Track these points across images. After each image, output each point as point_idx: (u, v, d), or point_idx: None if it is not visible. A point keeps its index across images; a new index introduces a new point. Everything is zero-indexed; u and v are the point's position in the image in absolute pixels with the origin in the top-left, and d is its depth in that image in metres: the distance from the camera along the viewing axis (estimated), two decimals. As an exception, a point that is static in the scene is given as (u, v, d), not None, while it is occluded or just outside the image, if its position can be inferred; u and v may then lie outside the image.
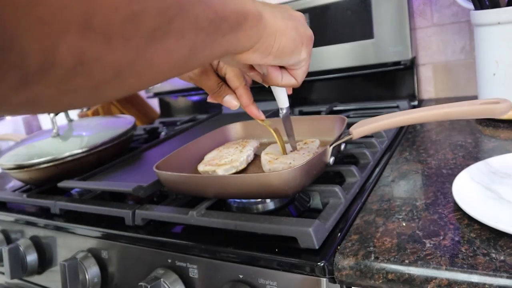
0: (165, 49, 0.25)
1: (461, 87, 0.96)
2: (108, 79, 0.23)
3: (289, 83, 0.46)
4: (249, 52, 0.38)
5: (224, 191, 0.53)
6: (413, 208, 0.48)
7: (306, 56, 0.44)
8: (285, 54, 0.41)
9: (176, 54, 0.27)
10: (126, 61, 0.23)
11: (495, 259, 0.36)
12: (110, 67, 0.22)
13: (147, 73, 0.25)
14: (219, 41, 0.31)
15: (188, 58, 0.28)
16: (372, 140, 0.67)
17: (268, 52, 0.39)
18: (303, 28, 0.43)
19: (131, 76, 0.24)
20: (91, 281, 0.60)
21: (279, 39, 0.39)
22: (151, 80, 0.27)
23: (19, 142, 0.95)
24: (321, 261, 0.42)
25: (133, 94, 1.36)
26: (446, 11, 0.94)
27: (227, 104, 0.53)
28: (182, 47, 0.27)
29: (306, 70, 0.47)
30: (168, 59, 0.26)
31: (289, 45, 0.40)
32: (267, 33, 0.38)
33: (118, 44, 0.22)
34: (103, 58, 0.21)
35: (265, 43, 0.38)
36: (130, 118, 0.99)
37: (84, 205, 0.67)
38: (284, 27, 0.40)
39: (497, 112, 0.46)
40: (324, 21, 0.99)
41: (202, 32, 0.28)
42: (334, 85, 1.05)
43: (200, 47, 0.29)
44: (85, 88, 0.22)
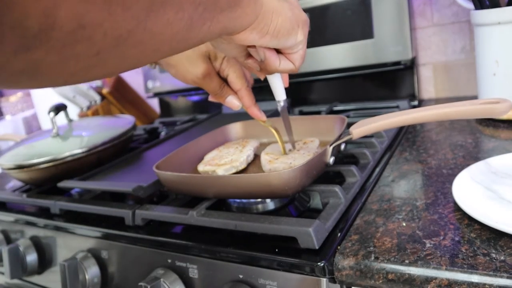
0: (165, 20, 0.26)
1: (461, 87, 0.96)
2: (109, 47, 0.23)
3: (287, 68, 0.46)
4: (246, 31, 0.38)
5: (224, 191, 0.53)
6: (413, 208, 0.48)
7: (302, 38, 0.44)
8: (282, 34, 0.41)
9: (175, 26, 0.27)
10: (127, 29, 0.23)
11: (495, 259, 0.36)
12: (111, 34, 0.22)
13: (147, 44, 0.26)
14: (217, 17, 0.32)
15: (187, 32, 0.29)
16: (372, 140, 0.67)
17: (265, 31, 0.39)
18: (299, 11, 0.43)
19: (132, 46, 0.25)
20: (91, 281, 0.60)
21: (275, 18, 0.40)
22: (152, 52, 0.27)
23: (19, 142, 0.95)
24: (321, 261, 0.42)
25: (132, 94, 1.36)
26: (446, 11, 0.94)
27: (229, 105, 0.53)
28: (181, 20, 0.27)
29: (303, 54, 0.47)
30: (167, 31, 0.27)
31: (286, 25, 0.41)
32: (264, 11, 0.38)
33: (118, 11, 0.22)
34: (104, 24, 0.22)
35: (262, 22, 0.38)
36: (130, 118, 0.99)
37: (84, 205, 0.67)
38: (280, 7, 0.40)
39: (497, 112, 0.46)
40: (324, 21, 0.99)
41: (200, 6, 0.29)
42: (334, 85, 1.05)
43: (199, 22, 0.29)
44: (87, 55, 0.22)
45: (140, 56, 0.27)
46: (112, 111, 1.29)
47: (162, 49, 0.28)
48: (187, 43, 0.31)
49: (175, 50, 0.30)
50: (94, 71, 0.25)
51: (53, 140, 0.88)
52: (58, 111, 0.92)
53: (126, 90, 1.34)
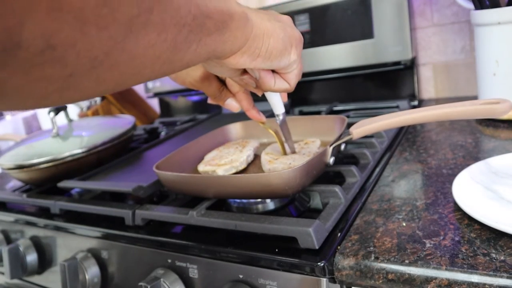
0: (146, 41, 0.24)
1: (461, 87, 0.96)
2: (83, 69, 0.22)
3: (282, 88, 0.45)
4: (237, 55, 0.37)
5: (224, 191, 0.53)
6: (413, 208, 0.48)
7: (296, 57, 0.43)
8: (274, 56, 0.40)
9: (158, 49, 0.26)
10: (103, 50, 0.22)
11: (495, 259, 0.36)
12: (85, 55, 0.21)
13: (126, 67, 0.25)
14: (204, 40, 0.31)
15: (171, 54, 0.28)
16: (372, 140, 0.67)
17: (257, 54, 0.39)
18: (291, 30, 0.42)
19: (110, 68, 0.23)
20: (91, 281, 0.60)
21: (267, 40, 0.39)
22: (132, 75, 0.26)
23: (19, 142, 0.95)
24: (321, 261, 0.42)
25: (132, 94, 1.36)
26: (446, 11, 0.94)
27: (228, 107, 0.53)
28: (164, 42, 0.26)
29: (298, 74, 0.46)
30: (149, 53, 0.25)
31: (278, 46, 0.40)
32: (255, 34, 0.37)
33: (92, 30, 0.21)
34: (77, 44, 0.20)
35: (253, 45, 0.38)
36: (130, 118, 0.99)
37: (84, 205, 0.67)
38: (272, 28, 0.39)
39: (497, 112, 0.46)
40: (324, 21, 0.99)
41: (185, 28, 0.28)
42: (334, 85, 1.05)
43: (184, 44, 0.28)
44: (59, 77, 0.21)
45: (119, 79, 0.25)
46: (112, 111, 1.29)
47: (143, 72, 0.27)
48: (172, 66, 0.29)
49: (159, 73, 0.29)
50: (68, 94, 0.23)
51: (53, 140, 0.88)
52: (58, 111, 0.92)
53: (126, 90, 1.34)
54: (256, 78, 0.45)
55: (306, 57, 1.03)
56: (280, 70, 0.44)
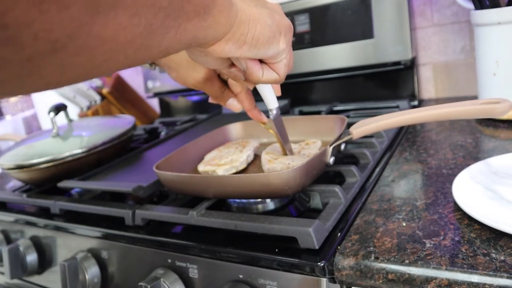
0: (116, 24, 0.23)
1: (461, 87, 0.96)
2: (43, 52, 0.20)
3: (271, 79, 0.43)
4: (221, 42, 0.35)
5: (224, 191, 0.53)
6: (413, 208, 0.48)
7: (285, 46, 0.41)
8: (262, 44, 0.38)
9: (131, 33, 0.24)
10: (66, 32, 0.20)
11: (495, 259, 0.36)
12: (44, 37, 0.19)
13: (95, 51, 0.23)
14: (184, 25, 0.29)
15: (147, 39, 0.26)
16: (372, 140, 0.67)
17: (242, 41, 0.37)
18: (280, 17, 0.40)
19: (75, 53, 0.21)
20: (91, 281, 0.60)
21: (253, 26, 0.37)
22: (103, 61, 0.24)
23: (19, 142, 0.95)
24: (321, 261, 0.42)
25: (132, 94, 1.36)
26: (446, 11, 0.94)
27: (229, 107, 0.53)
28: (137, 25, 0.24)
29: (288, 63, 0.43)
30: (121, 37, 0.23)
31: (265, 33, 0.38)
32: (240, 20, 0.35)
33: (52, 10, 0.19)
34: (33, 24, 0.18)
35: (238, 32, 0.36)
36: (130, 118, 0.99)
37: (84, 205, 0.67)
38: (258, 14, 0.37)
39: (497, 112, 0.46)
40: (324, 21, 0.99)
41: (161, 12, 0.26)
42: (334, 85, 1.05)
43: (161, 29, 0.27)
44: (16, 61, 0.19)
45: (88, 66, 0.23)
46: (112, 111, 1.29)
47: (116, 58, 0.25)
48: (149, 52, 0.27)
49: (134, 59, 0.27)
50: (29, 80, 0.21)
51: (53, 140, 0.88)
52: (58, 111, 0.92)
53: (126, 90, 1.34)
54: (244, 70, 0.43)
55: (306, 57, 1.03)
56: (268, 60, 0.42)
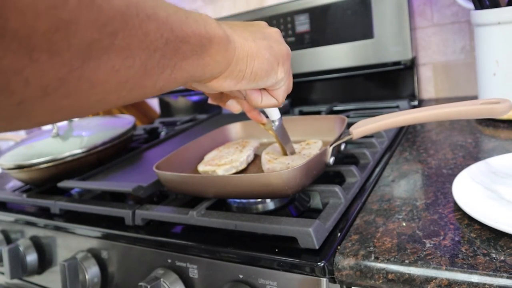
0: (109, 67, 0.22)
1: (461, 87, 0.96)
2: (34, 97, 0.20)
3: (270, 104, 0.44)
4: (219, 79, 0.36)
5: (224, 191, 0.53)
6: (413, 208, 0.48)
7: (283, 75, 0.41)
8: (260, 77, 0.39)
9: (124, 75, 0.24)
10: (57, 77, 0.20)
11: (495, 259, 0.36)
12: (34, 83, 0.19)
13: (87, 94, 0.22)
14: (179, 64, 0.29)
15: (141, 80, 0.25)
16: (372, 140, 0.67)
17: (241, 77, 0.37)
18: (278, 46, 0.41)
19: (66, 96, 0.21)
20: (91, 281, 0.60)
21: (251, 62, 0.37)
22: (95, 102, 0.24)
23: (19, 142, 0.95)
24: (321, 261, 0.42)
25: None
26: (446, 11, 0.94)
27: (229, 108, 0.53)
28: (131, 67, 0.24)
29: (286, 89, 0.44)
30: (113, 80, 0.23)
31: (263, 66, 0.38)
32: (237, 57, 0.36)
33: (43, 57, 0.19)
34: (24, 71, 0.18)
35: (236, 69, 0.36)
36: (130, 118, 0.99)
37: (84, 205, 0.67)
38: (256, 49, 0.38)
39: (497, 112, 0.46)
40: (324, 21, 0.99)
41: (157, 53, 0.26)
42: (334, 85, 1.05)
43: (156, 69, 0.26)
44: (5, 105, 0.19)
45: (79, 107, 0.23)
46: (112, 111, 1.29)
47: (109, 99, 0.24)
48: (143, 91, 0.27)
49: (128, 99, 0.26)
50: (19, 122, 0.21)
51: (53, 140, 0.88)
52: (58, 111, 0.92)
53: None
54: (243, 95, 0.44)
55: (306, 57, 1.03)
56: (267, 88, 0.43)
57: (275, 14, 1.04)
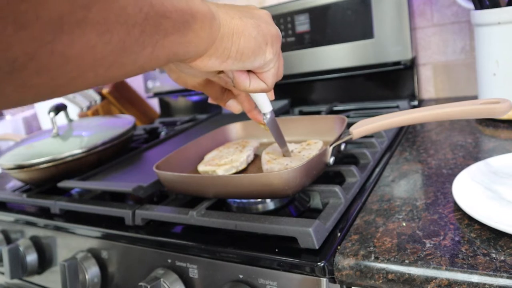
0: (83, 42, 0.21)
1: (461, 87, 0.96)
2: (2, 73, 0.19)
3: (259, 88, 0.42)
4: (204, 57, 0.34)
5: (224, 191, 0.53)
6: (413, 208, 0.48)
7: (272, 56, 0.40)
8: (247, 56, 0.37)
9: (100, 51, 0.23)
10: (25, 51, 0.19)
11: (495, 259, 0.36)
12: (0, 56, 0.18)
13: (59, 71, 0.21)
14: (161, 42, 0.27)
15: (119, 57, 0.24)
16: (372, 140, 0.67)
17: (226, 56, 0.36)
18: (267, 26, 0.39)
19: (37, 73, 0.20)
20: (91, 281, 0.60)
21: (237, 40, 0.36)
22: (70, 79, 0.23)
23: (19, 142, 0.95)
24: (321, 261, 0.42)
25: (132, 94, 1.36)
26: (446, 11, 0.94)
27: (230, 108, 0.53)
28: (108, 43, 0.23)
29: (276, 73, 0.43)
30: (89, 56, 0.22)
31: (250, 45, 0.37)
32: (222, 34, 0.34)
33: (8, 29, 0.18)
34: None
35: (221, 46, 0.35)
36: (130, 118, 0.99)
37: (84, 205, 0.67)
38: (243, 26, 0.36)
39: (497, 112, 0.46)
40: (324, 21, 0.99)
41: (136, 28, 0.24)
42: (334, 85, 1.05)
43: (136, 47, 0.25)
44: None
45: (52, 85, 0.22)
46: (112, 111, 1.29)
47: (85, 76, 0.23)
48: (123, 70, 0.26)
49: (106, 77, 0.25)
50: None
51: (53, 140, 0.88)
52: (58, 111, 0.92)
53: (126, 90, 1.34)
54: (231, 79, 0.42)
55: (306, 57, 1.03)
56: (255, 70, 0.41)
57: (275, 14, 1.04)
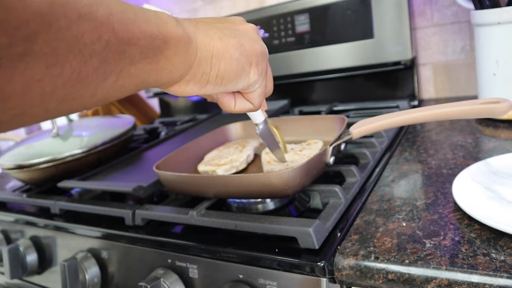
0: (28, 76, 0.19)
1: (461, 87, 0.96)
2: None
3: (245, 109, 0.40)
4: (181, 84, 0.32)
5: (224, 191, 0.53)
6: (413, 208, 0.48)
7: (257, 77, 0.37)
8: (228, 80, 0.34)
9: (49, 84, 0.21)
10: None
11: (495, 259, 0.36)
12: None
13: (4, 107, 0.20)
14: (127, 70, 0.25)
15: (75, 90, 0.22)
16: (372, 140, 0.67)
17: (205, 80, 0.33)
18: (251, 45, 0.36)
19: None
20: (91, 281, 0.60)
21: (216, 64, 0.33)
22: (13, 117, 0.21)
23: (19, 142, 0.95)
24: (321, 261, 0.42)
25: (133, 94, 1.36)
26: (446, 11, 0.94)
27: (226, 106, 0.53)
28: (58, 76, 0.21)
29: (263, 92, 0.40)
30: (34, 90, 0.20)
31: (231, 68, 0.34)
32: (200, 58, 0.32)
33: None
34: None
35: (198, 71, 0.32)
36: (130, 118, 0.99)
37: (84, 205, 0.67)
38: (223, 48, 0.33)
39: (497, 112, 0.46)
40: (324, 21, 0.99)
41: (94, 58, 0.23)
42: (334, 85, 1.05)
43: (94, 77, 0.23)
44: None
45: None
46: (112, 111, 1.29)
47: (32, 112, 0.21)
48: (80, 102, 0.24)
49: (61, 111, 0.23)
50: None
51: (53, 140, 0.88)
52: (58, 111, 0.92)
53: (126, 90, 1.34)
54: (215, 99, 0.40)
55: (306, 57, 1.03)
56: (240, 91, 0.39)
57: (275, 14, 1.04)
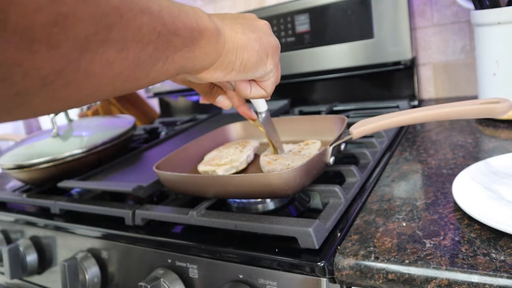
0: (104, 60, 0.23)
1: (461, 87, 0.96)
2: (33, 88, 0.21)
3: (258, 95, 0.46)
4: (210, 70, 0.37)
5: (224, 191, 0.53)
6: (413, 208, 0.48)
7: (272, 67, 0.43)
8: (249, 69, 0.40)
9: (118, 67, 0.25)
10: (55, 69, 0.21)
11: (495, 259, 0.36)
12: (33, 74, 0.20)
13: (83, 85, 0.23)
14: (172, 57, 0.30)
15: (134, 72, 0.26)
16: (372, 140, 0.67)
17: (231, 68, 0.38)
18: (267, 38, 0.42)
19: (64, 87, 0.22)
20: (91, 281, 0.60)
21: (241, 54, 0.38)
22: (91, 92, 0.25)
23: (19, 142, 0.95)
24: (321, 261, 0.42)
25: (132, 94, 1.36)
26: (446, 11, 0.94)
27: (220, 105, 0.53)
28: (125, 60, 0.25)
29: (275, 81, 0.46)
30: (108, 71, 0.24)
31: (252, 58, 0.39)
32: (227, 49, 0.37)
33: (42, 50, 0.20)
34: (24, 63, 0.19)
35: (225, 60, 0.37)
36: (130, 118, 0.99)
37: (84, 205, 0.67)
38: (246, 41, 0.38)
39: (497, 112, 0.46)
40: (324, 21, 0.99)
41: (150, 46, 0.27)
42: (334, 85, 1.05)
43: (149, 62, 0.27)
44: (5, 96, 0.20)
45: (75, 97, 0.24)
46: (112, 111, 1.29)
47: (104, 89, 0.25)
48: (136, 83, 0.28)
49: (122, 90, 0.28)
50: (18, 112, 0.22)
51: (53, 140, 0.88)
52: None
53: (126, 90, 1.34)
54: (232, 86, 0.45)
55: (306, 57, 1.03)
56: (256, 79, 0.44)
57: (275, 14, 1.04)
